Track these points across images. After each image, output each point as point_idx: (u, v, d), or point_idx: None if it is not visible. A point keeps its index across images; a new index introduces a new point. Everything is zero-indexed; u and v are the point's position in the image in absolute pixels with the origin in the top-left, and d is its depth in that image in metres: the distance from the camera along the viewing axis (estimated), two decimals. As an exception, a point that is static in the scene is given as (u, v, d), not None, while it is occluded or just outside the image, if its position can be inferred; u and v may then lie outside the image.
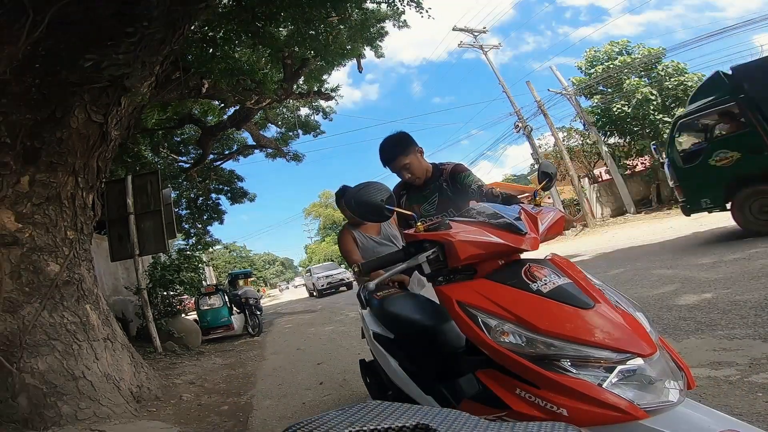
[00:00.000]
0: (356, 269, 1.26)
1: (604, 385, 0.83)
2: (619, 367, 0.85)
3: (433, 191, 2.03)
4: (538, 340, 0.90)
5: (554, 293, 0.98)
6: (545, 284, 1.01)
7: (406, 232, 1.24)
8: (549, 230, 1.17)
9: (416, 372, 1.43)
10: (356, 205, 1.27)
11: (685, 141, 6.43)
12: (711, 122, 5.98)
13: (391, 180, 2.35)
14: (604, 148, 17.12)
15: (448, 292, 1.07)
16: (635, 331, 0.91)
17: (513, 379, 0.94)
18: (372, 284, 1.16)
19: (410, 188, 2.11)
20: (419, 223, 1.18)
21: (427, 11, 5.40)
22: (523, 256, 1.17)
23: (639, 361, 0.85)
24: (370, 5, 5.26)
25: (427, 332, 1.42)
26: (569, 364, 0.87)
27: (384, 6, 5.42)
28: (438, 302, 1.77)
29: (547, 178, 1.52)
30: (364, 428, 0.58)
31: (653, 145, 10.28)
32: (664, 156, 7.28)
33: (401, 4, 5.27)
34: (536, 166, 16.30)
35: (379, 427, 0.59)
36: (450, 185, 2.00)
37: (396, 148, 1.95)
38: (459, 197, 1.97)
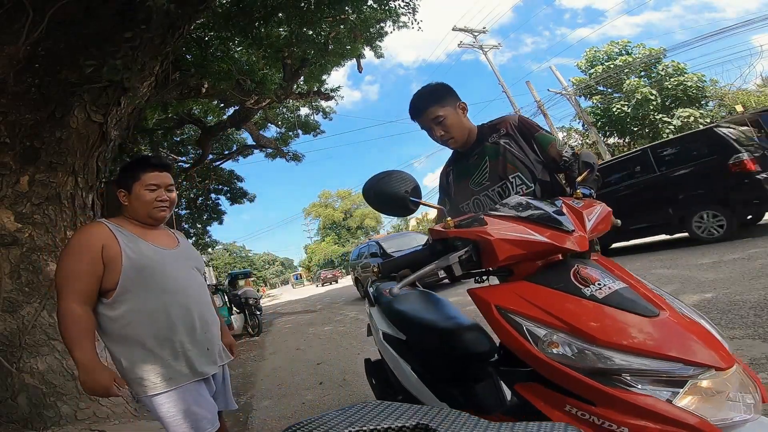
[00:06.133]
0: (375, 269, 1.11)
1: (674, 401, 0.75)
2: (691, 382, 0.76)
3: (482, 156, 1.56)
4: (597, 352, 0.80)
5: (611, 299, 0.87)
6: (599, 289, 0.89)
7: (433, 228, 1.08)
8: (596, 227, 1.03)
9: (429, 376, 1.33)
10: (376, 196, 1.13)
11: None
12: None
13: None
14: (604, 148, 17.12)
15: (485, 296, 0.94)
16: (707, 341, 0.82)
17: (561, 394, 0.84)
18: (396, 288, 1.00)
19: (456, 162, 1.68)
20: (449, 219, 1.04)
21: (418, 22, 5.53)
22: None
23: (713, 373, 0.77)
24: (370, 4, 5.27)
25: (443, 335, 1.31)
26: (632, 378, 0.77)
27: (380, 11, 5.47)
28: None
29: (588, 168, 1.30)
30: (364, 428, 0.58)
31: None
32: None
33: (395, 5, 5.33)
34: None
35: (379, 427, 0.59)
36: (514, 141, 1.53)
37: (429, 97, 1.53)
38: (526, 157, 1.52)
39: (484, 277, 1.08)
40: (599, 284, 0.90)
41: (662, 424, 0.73)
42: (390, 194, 1.12)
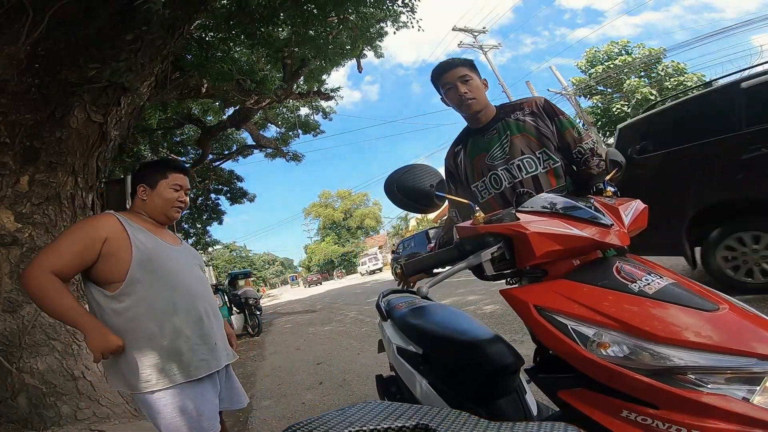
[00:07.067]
0: (399, 270, 1.04)
1: (751, 399, 0.69)
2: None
3: (503, 131, 1.55)
4: (656, 350, 0.74)
5: (663, 294, 0.80)
6: (648, 284, 0.82)
7: (459, 225, 1.03)
8: (633, 223, 0.96)
9: (449, 392, 1.28)
10: (399, 191, 1.06)
11: None
12: None
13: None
14: (604, 148, 17.11)
15: (522, 296, 0.87)
16: None
17: (616, 399, 0.77)
18: (425, 288, 0.94)
19: (466, 139, 1.65)
20: (478, 214, 0.97)
21: (418, 21, 5.49)
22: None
23: None
24: (367, 10, 5.26)
25: (464, 348, 1.25)
26: (698, 377, 0.71)
27: (380, 11, 5.45)
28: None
29: (616, 167, 1.27)
30: (364, 428, 0.59)
31: None
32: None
33: (395, 6, 5.32)
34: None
35: (379, 427, 0.59)
36: (540, 120, 1.54)
37: (461, 60, 1.58)
38: (553, 134, 1.53)
39: (515, 279, 1.00)
40: (646, 280, 0.84)
41: (739, 424, 0.67)
42: (414, 189, 1.05)
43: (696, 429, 0.69)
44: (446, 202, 1.23)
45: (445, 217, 1.89)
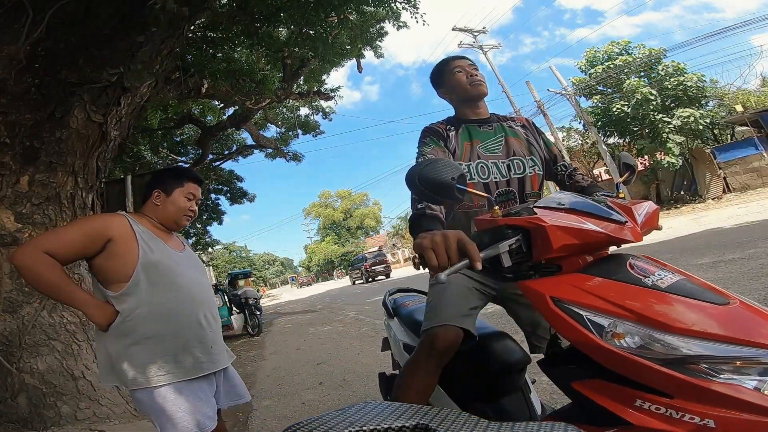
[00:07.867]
0: (416, 260, 1.03)
1: (763, 389, 0.70)
2: None
3: (498, 130, 1.58)
4: (669, 340, 0.75)
5: (675, 288, 0.82)
6: (660, 279, 0.85)
7: (478, 218, 1.06)
8: (646, 222, 0.99)
9: (456, 390, 1.28)
10: (420, 182, 1.06)
11: None
12: None
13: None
14: (604, 148, 17.12)
15: (539, 288, 0.89)
16: None
17: (630, 388, 0.78)
18: (443, 276, 0.93)
19: (459, 125, 1.60)
20: (496, 208, 0.99)
21: (422, 16, 5.42)
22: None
23: None
24: (368, 9, 5.24)
25: (472, 345, 1.25)
26: (711, 366, 0.73)
27: (382, 8, 5.42)
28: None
29: (629, 170, 1.31)
30: (364, 428, 0.59)
31: None
32: None
33: (396, 4, 5.28)
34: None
35: (379, 427, 0.59)
36: (530, 133, 1.63)
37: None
38: (540, 147, 1.61)
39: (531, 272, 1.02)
40: (658, 275, 0.86)
41: (752, 413, 0.68)
42: (436, 181, 1.04)
43: (708, 417, 0.70)
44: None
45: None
